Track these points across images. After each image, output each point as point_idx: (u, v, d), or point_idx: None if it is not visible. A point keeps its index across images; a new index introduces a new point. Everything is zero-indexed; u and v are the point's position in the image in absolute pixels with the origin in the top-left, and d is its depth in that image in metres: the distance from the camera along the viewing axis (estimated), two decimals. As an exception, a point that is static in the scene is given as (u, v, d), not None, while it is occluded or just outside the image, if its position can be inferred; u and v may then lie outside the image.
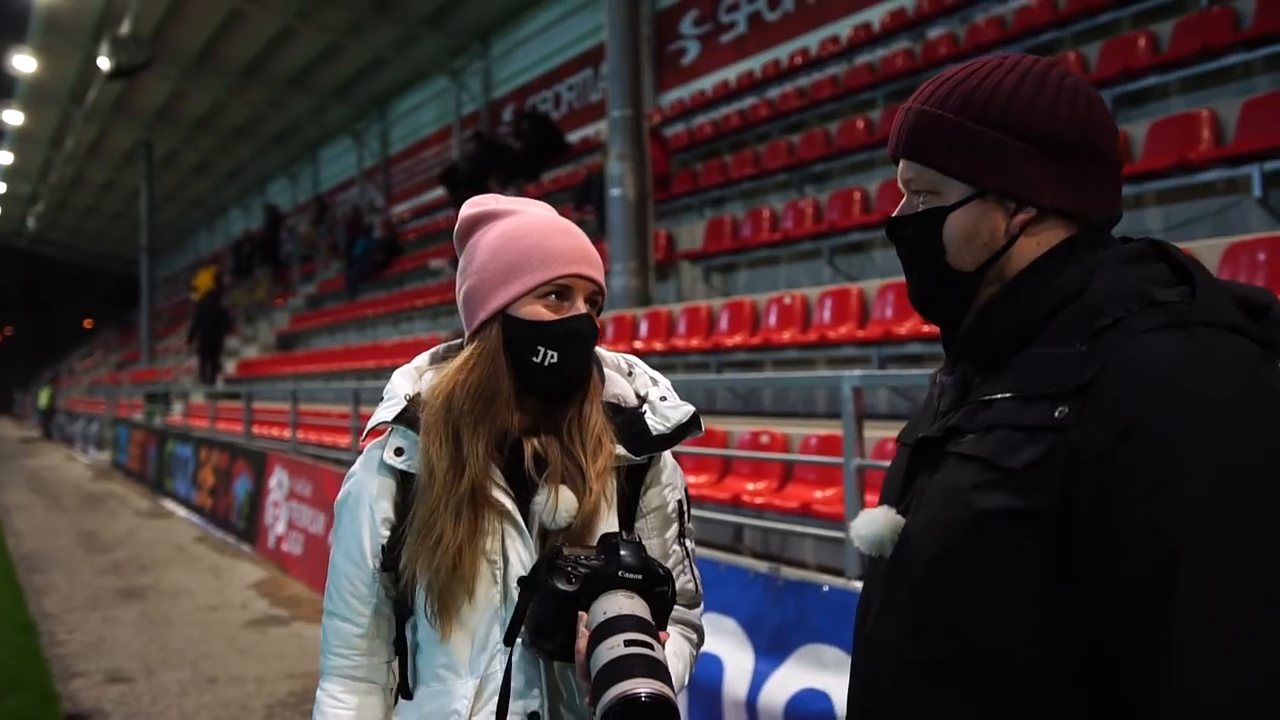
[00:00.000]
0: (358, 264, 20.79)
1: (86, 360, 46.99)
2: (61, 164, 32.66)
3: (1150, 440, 1.07)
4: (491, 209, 1.70)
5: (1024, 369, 1.22)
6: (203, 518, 13.33)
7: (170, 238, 43.61)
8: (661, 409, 1.69)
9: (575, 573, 1.49)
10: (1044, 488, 1.13)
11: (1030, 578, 1.15)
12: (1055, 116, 1.25)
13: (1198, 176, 6.13)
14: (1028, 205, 1.27)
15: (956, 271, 1.32)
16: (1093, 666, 1.13)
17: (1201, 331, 1.11)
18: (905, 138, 1.35)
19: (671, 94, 16.70)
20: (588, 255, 1.64)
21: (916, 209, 1.35)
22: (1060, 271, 1.26)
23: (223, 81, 25.01)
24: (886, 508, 1.34)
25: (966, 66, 1.35)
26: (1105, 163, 1.29)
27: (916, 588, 1.26)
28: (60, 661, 6.69)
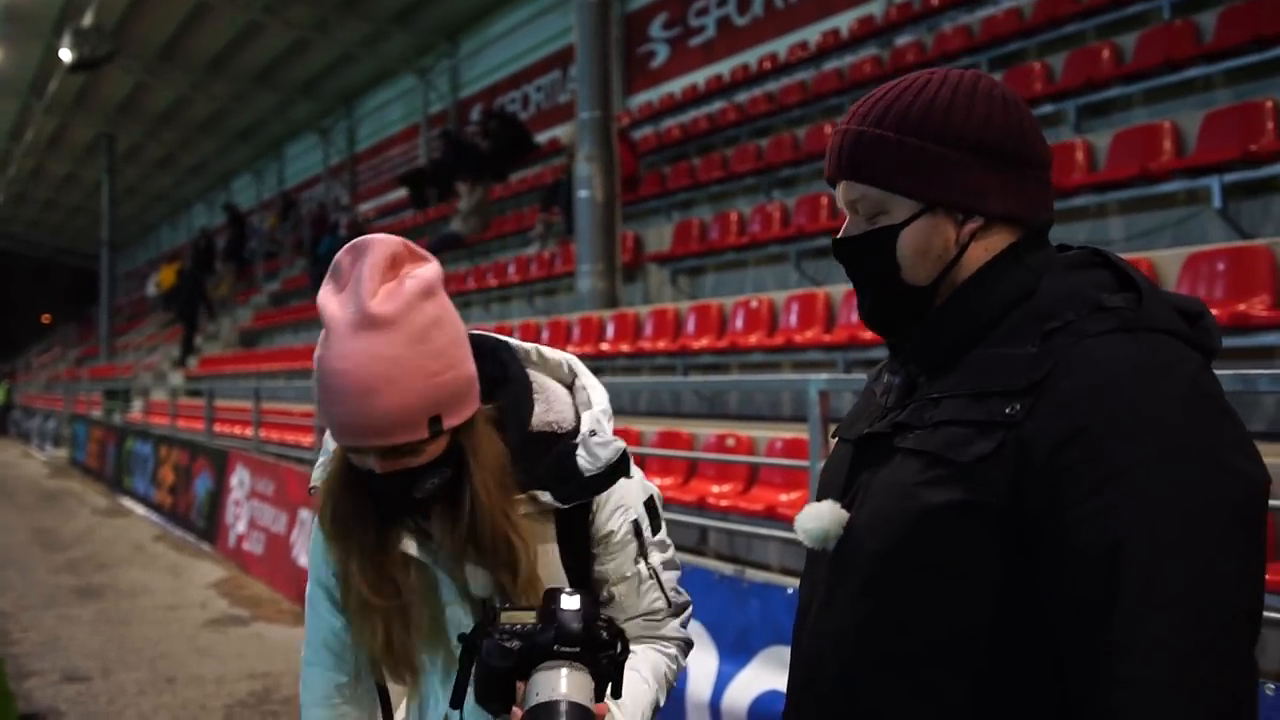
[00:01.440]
0: (322, 262, 20.61)
1: (44, 355, 46.31)
2: (21, 156, 32.18)
3: (1099, 439, 1.11)
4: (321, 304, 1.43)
5: (974, 368, 1.25)
6: (162, 516, 13.18)
7: (132, 232, 43.09)
8: (592, 445, 1.56)
9: (508, 648, 1.40)
10: (994, 482, 1.17)
11: (980, 569, 1.18)
12: (991, 126, 1.29)
13: (1159, 187, 6.21)
14: (976, 214, 1.30)
15: (912, 287, 1.33)
16: (1042, 658, 1.16)
17: (1147, 337, 1.16)
18: (847, 159, 1.35)
19: (640, 96, 16.73)
20: (361, 425, 1.39)
21: (864, 228, 1.36)
22: (1007, 275, 1.29)
23: (187, 75, 24.78)
24: (831, 502, 1.36)
25: (895, 85, 1.35)
26: (1039, 166, 1.33)
27: (864, 581, 1.28)
28: (15, 660, 6.60)
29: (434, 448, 1.45)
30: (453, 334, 1.45)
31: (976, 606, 1.19)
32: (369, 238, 1.45)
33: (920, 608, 1.22)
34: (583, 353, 9.16)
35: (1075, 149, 6.97)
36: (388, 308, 1.38)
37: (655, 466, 6.61)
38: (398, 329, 1.38)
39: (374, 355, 1.36)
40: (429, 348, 1.40)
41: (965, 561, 1.19)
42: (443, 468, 1.48)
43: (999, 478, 1.16)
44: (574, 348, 9.38)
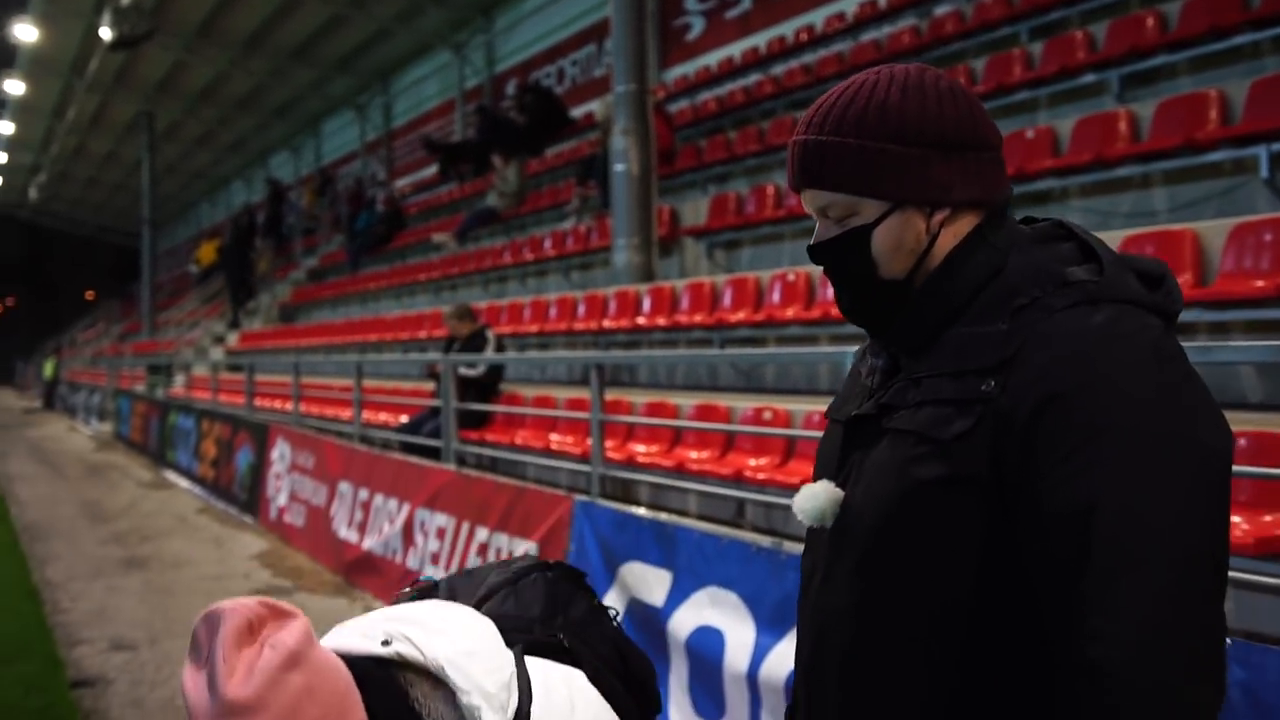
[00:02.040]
0: (360, 237, 20.76)
1: (88, 331, 47.01)
2: (63, 134, 32.53)
3: (1070, 407, 1.19)
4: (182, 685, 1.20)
5: (950, 348, 1.33)
6: (205, 489, 13.37)
7: (172, 210, 43.55)
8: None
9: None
10: (974, 455, 1.24)
11: (966, 540, 1.26)
12: (945, 119, 1.35)
13: (1205, 157, 6.11)
14: (943, 205, 1.37)
15: (889, 281, 1.40)
16: (1028, 624, 1.24)
17: (1110, 308, 1.23)
18: (813, 169, 1.40)
19: (676, 70, 16.64)
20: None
21: (837, 231, 1.41)
22: (976, 257, 1.37)
23: (225, 53, 24.91)
24: (826, 481, 1.43)
25: (843, 92, 1.41)
26: (991, 148, 1.40)
27: (860, 557, 1.35)
28: (64, 629, 6.73)
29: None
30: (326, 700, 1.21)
31: (964, 576, 1.26)
32: (221, 606, 1.23)
33: (914, 580, 1.30)
34: (619, 327, 9.18)
35: (1119, 119, 6.87)
36: (246, 691, 1.17)
37: (692, 440, 6.62)
38: (262, 713, 1.17)
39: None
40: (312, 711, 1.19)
41: (953, 533, 1.26)
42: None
43: (979, 451, 1.24)
44: (610, 322, 9.40)
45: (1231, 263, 5.00)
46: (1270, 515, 3.60)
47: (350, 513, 8.27)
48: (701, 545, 4.20)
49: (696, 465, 6.13)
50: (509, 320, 11.50)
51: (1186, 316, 5.08)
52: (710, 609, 4.05)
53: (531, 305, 11.42)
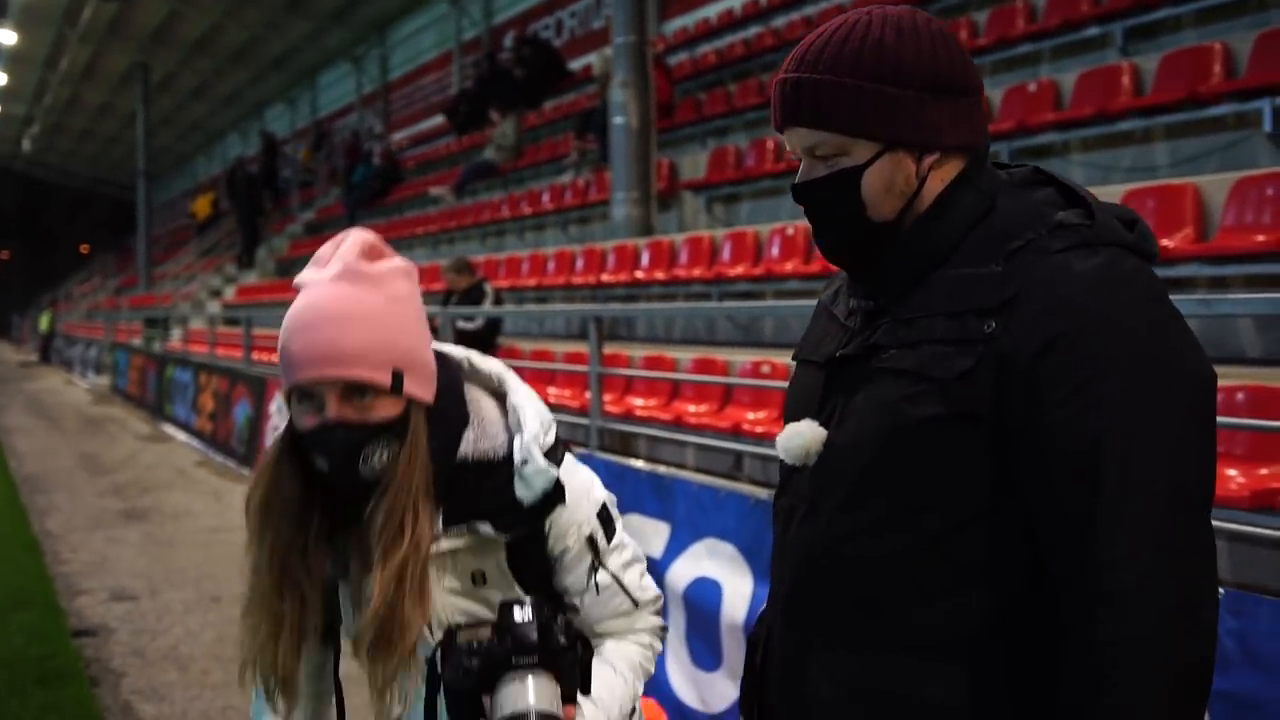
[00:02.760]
0: (357, 191, 20.64)
1: (84, 285, 46.85)
2: (56, 85, 32.21)
3: (1074, 347, 1.21)
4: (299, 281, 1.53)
5: (943, 289, 1.34)
6: (203, 442, 13.40)
7: (167, 162, 43.24)
8: (527, 475, 1.54)
9: (468, 667, 1.43)
10: (976, 395, 1.26)
11: (967, 477, 1.29)
12: (938, 61, 1.35)
13: (1207, 111, 6.07)
14: (933, 148, 1.37)
15: (878, 224, 1.39)
16: (1021, 554, 1.28)
17: (1105, 250, 1.26)
18: (804, 107, 1.39)
19: (675, 22, 16.46)
20: (325, 353, 1.42)
21: (825, 171, 1.40)
22: (964, 199, 1.38)
23: (220, 3, 24.62)
24: (809, 421, 1.43)
25: (834, 30, 1.39)
26: (976, 93, 1.40)
27: (848, 493, 1.37)
28: (65, 579, 6.78)
29: (388, 406, 1.46)
30: (421, 318, 1.54)
31: (963, 507, 1.29)
32: (349, 230, 1.56)
33: (906, 513, 1.32)
34: (618, 280, 9.16)
35: (1121, 72, 6.81)
36: (371, 269, 1.49)
37: (690, 393, 6.63)
38: (383, 285, 1.49)
39: (355, 295, 1.46)
40: (401, 310, 1.49)
41: (953, 468, 1.29)
42: (391, 438, 1.46)
43: (981, 390, 1.26)
44: (609, 275, 9.38)
45: (1233, 217, 4.98)
46: (1266, 468, 3.62)
47: (349, 465, 8.28)
48: (699, 497, 4.22)
49: (694, 418, 6.14)
50: (507, 274, 11.47)
51: (1186, 270, 5.07)
52: (708, 560, 4.07)
53: (530, 259, 11.38)
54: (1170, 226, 5.15)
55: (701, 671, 4.02)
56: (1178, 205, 5.19)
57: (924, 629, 1.32)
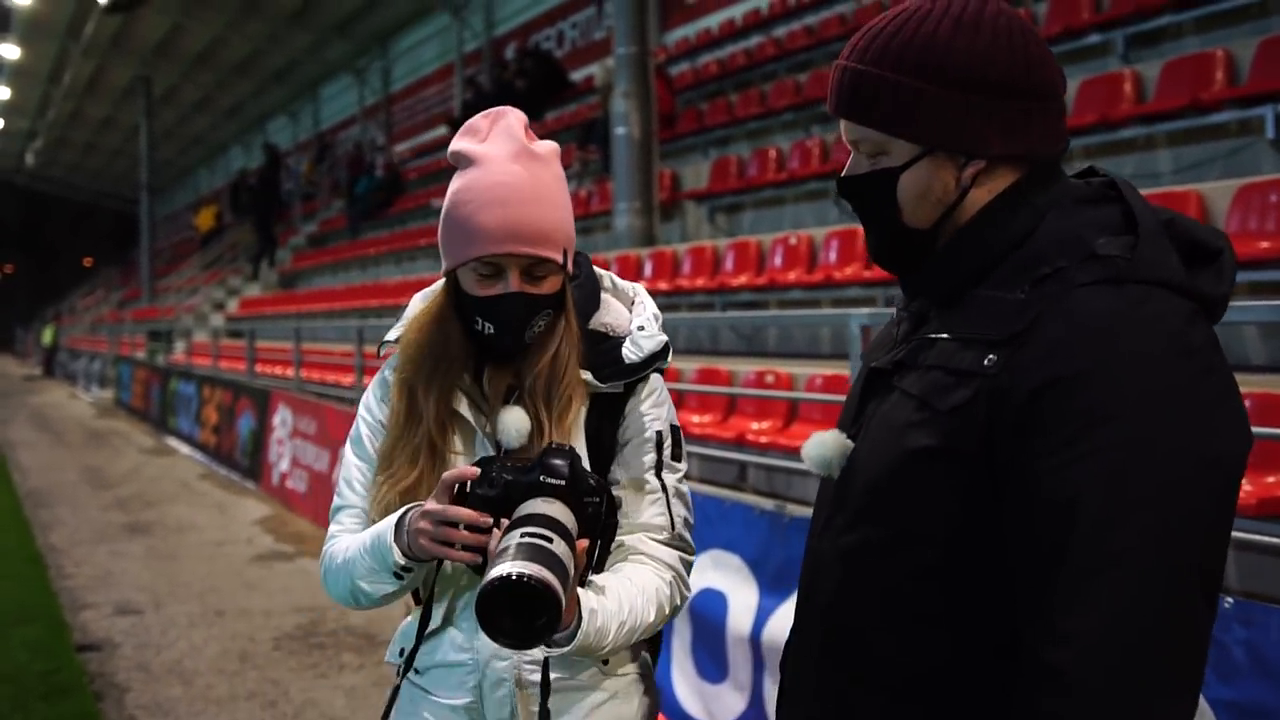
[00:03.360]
0: (359, 203, 20.69)
1: (88, 298, 46.91)
2: (60, 99, 32.35)
3: (1070, 393, 1.11)
4: (462, 149, 1.64)
5: (969, 311, 1.26)
6: (207, 455, 13.40)
7: (170, 175, 43.35)
8: (638, 338, 1.70)
9: (498, 479, 1.49)
10: (966, 430, 1.19)
11: (949, 514, 1.22)
12: (994, 60, 1.24)
13: (1210, 118, 6.07)
14: (977, 157, 1.28)
15: (913, 230, 1.33)
16: (1001, 600, 1.19)
17: (1134, 289, 1.13)
18: (846, 99, 1.33)
19: (677, 32, 16.50)
20: (519, 230, 1.56)
21: (866, 168, 1.34)
22: (1010, 216, 1.27)
23: (222, 16, 24.70)
24: (836, 431, 1.40)
25: (896, 16, 1.31)
26: (1047, 97, 1.28)
27: (857, 510, 1.33)
28: (69, 593, 6.77)
29: (554, 282, 1.63)
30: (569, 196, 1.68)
31: (940, 544, 1.23)
32: (502, 108, 1.67)
33: (897, 540, 1.27)
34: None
35: (1123, 80, 6.81)
36: (539, 149, 1.63)
37: (694, 403, 6.62)
38: (550, 166, 1.63)
39: (536, 175, 1.59)
40: (564, 190, 1.65)
41: (934, 504, 1.23)
42: (549, 310, 1.63)
43: (971, 426, 1.18)
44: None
45: (1236, 224, 4.97)
46: (1273, 476, 3.60)
47: (352, 478, 8.26)
48: (704, 508, 4.20)
49: (699, 429, 6.13)
50: (510, 285, 11.45)
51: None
52: (713, 571, 4.05)
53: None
54: (1174, 234, 5.15)
55: (707, 684, 4.00)
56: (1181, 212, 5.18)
57: (890, 664, 1.28)
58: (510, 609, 1.32)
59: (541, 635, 1.35)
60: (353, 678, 5.18)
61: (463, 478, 1.52)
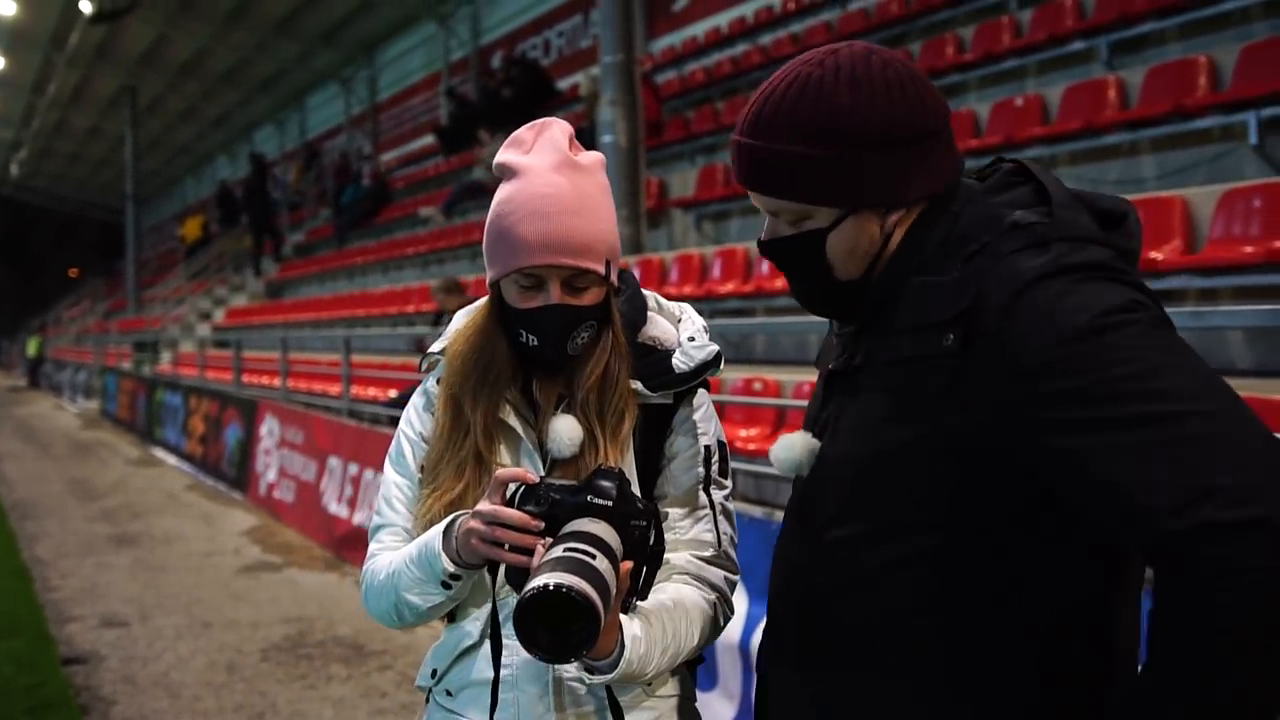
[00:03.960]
0: (346, 212, 20.63)
1: (73, 309, 46.68)
2: (44, 110, 32.22)
3: (1028, 349, 1.16)
4: (506, 161, 1.63)
5: (909, 300, 1.31)
6: (193, 466, 13.34)
7: (156, 185, 43.19)
8: (688, 348, 1.68)
9: (545, 497, 1.47)
10: (944, 413, 1.24)
11: (935, 498, 1.26)
12: (895, 115, 1.30)
13: (1193, 123, 6.10)
14: (899, 207, 1.35)
15: (845, 282, 1.38)
16: (997, 576, 1.25)
17: (1060, 245, 1.21)
18: (758, 175, 1.38)
19: (663, 40, 16.52)
20: (561, 242, 1.55)
21: (787, 232, 1.39)
22: (930, 231, 1.35)
23: (208, 26, 24.65)
24: (804, 433, 1.45)
25: (789, 87, 1.34)
26: (943, 129, 1.35)
27: (834, 509, 1.37)
28: (55, 606, 6.72)
29: (596, 293, 1.62)
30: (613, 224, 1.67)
31: (932, 530, 1.27)
32: (547, 119, 1.68)
33: (885, 532, 1.31)
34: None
35: (1107, 86, 6.85)
36: (586, 159, 1.63)
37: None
38: (593, 176, 1.62)
39: (578, 186, 1.59)
40: (608, 201, 1.64)
41: (919, 492, 1.27)
42: (593, 320, 1.62)
43: (951, 410, 1.23)
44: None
45: (1221, 229, 4.99)
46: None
47: (340, 488, 8.25)
48: (693, 516, 4.20)
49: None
50: (497, 294, 11.43)
51: (1175, 283, 5.08)
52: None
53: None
54: (1159, 239, 5.16)
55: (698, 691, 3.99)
56: (1166, 218, 5.20)
57: (889, 650, 1.31)
58: (547, 621, 1.30)
59: (578, 648, 1.32)
60: (341, 689, 5.15)
61: (516, 477, 1.50)
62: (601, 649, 1.44)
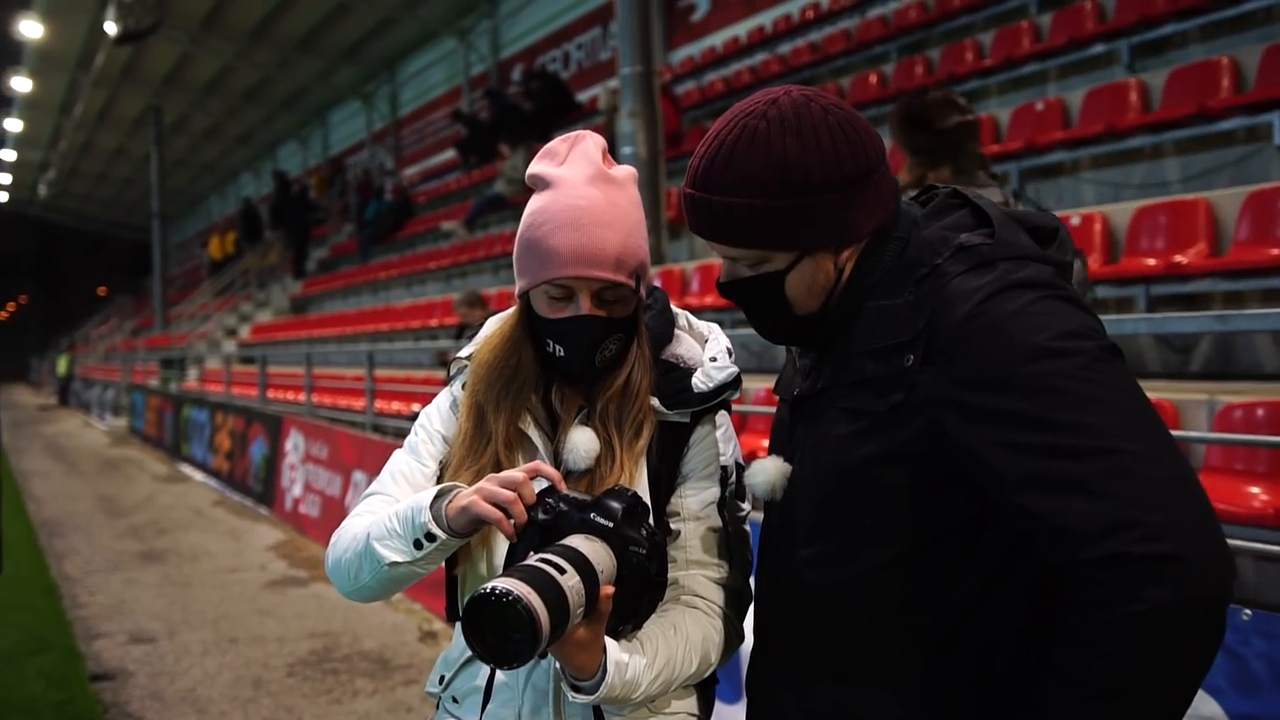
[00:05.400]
0: (369, 227, 20.74)
1: (101, 327, 47.13)
2: (71, 131, 32.57)
3: (981, 363, 1.24)
4: (540, 172, 1.64)
5: (866, 324, 1.40)
6: (220, 481, 13.42)
7: (182, 203, 43.59)
8: (709, 369, 1.68)
9: (554, 507, 1.47)
10: (906, 428, 1.31)
11: (906, 512, 1.33)
12: (841, 158, 1.37)
13: (1217, 126, 6.05)
14: (851, 243, 1.42)
15: (804, 316, 1.46)
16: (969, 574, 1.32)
17: (1006, 264, 1.30)
18: (714, 226, 1.43)
19: (682, 51, 16.54)
20: (592, 254, 1.55)
21: (746, 274, 1.46)
22: (880, 258, 1.42)
23: (231, 45, 24.85)
24: (775, 457, 1.53)
25: (736, 142, 1.39)
26: (883, 162, 1.42)
27: (809, 527, 1.44)
28: (83, 623, 6.76)
29: (625, 305, 1.63)
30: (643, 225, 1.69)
31: (904, 538, 1.34)
32: (581, 131, 1.69)
33: (858, 544, 1.38)
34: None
35: (1129, 89, 6.80)
36: (618, 173, 1.64)
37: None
38: (625, 190, 1.63)
39: (611, 199, 1.60)
40: (639, 214, 1.64)
41: (892, 503, 1.34)
42: (621, 333, 1.63)
43: (909, 420, 1.30)
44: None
45: (1246, 232, 4.95)
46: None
47: (365, 502, 8.26)
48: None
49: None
50: (519, 306, 11.44)
51: (1201, 286, 5.03)
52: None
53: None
54: (1184, 242, 5.12)
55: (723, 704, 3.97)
56: (1190, 221, 5.16)
57: (869, 659, 1.39)
58: (494, 624, 1.30)
59: (513, 659, 1.31)
60: (366, 703, 5.15)
61: (545, 475, 1.50)
62: (584, 667, 1.44)
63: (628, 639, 1.51)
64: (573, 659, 1.43)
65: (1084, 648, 1.16)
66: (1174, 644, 1.12)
